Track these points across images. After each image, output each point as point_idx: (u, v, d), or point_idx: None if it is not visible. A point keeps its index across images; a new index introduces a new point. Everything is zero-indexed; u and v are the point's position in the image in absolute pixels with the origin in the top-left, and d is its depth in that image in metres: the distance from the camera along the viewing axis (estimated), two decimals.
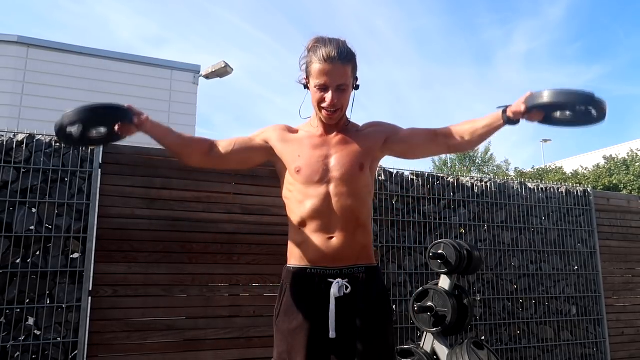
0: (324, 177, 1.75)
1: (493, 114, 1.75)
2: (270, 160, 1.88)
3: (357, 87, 1.84)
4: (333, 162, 1.77)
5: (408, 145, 1.89)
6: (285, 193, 1.84)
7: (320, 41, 1.75)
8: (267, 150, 1.85)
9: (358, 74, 1.84)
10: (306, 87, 1.82)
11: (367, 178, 1.81)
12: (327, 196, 1.73)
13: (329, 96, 1.72)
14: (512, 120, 1.70)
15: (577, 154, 22.46)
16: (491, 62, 49.17)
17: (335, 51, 1.70)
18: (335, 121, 1.80)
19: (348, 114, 1.87)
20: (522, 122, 1.71)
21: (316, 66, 1.71)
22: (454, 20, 47.96)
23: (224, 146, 1.83)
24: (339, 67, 1.70)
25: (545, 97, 1.60)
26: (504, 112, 1.71)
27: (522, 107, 1.65)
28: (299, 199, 1.76)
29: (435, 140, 1.85)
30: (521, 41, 46.53)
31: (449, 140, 1.83)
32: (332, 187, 1.74)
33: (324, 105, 1.74)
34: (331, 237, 1.72)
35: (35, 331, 3.14)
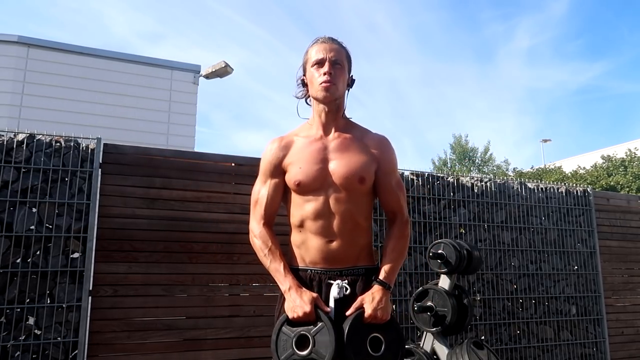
0: (323, 184, 1.75)
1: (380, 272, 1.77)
2: None
3: (351, 84, 1.86)
4: (332, 167, 1.76)
5: (376, 191, 1.86)
6: (287, 196, 1.84)
7: (316, 38, 1.86)
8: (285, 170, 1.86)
9: (357, 74, 1.87)
10: (305, 85, 1.85)
11: (368, 185, 1.81)
12: (326, 201, 1.74)
13: (324, 68, 1.77)
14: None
15: (578, 154, 22.50)
16: (493, 58, 48.85)
17: (330, 37, 1.85)
18: (332, 97, 1.78)
19: (344, 108, 1.88)
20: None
21: (312, 51, 1.82)
22: (455, 16, 47.60)
23: (272, 212, 1.85)
24: (334, 46, 1.81)
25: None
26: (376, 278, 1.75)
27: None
28: (299, 203, 1.77)
29: (385, 212, 1.91)
30: (523, 37, 46.23)
31: (388, 227, 1.91)
32: (331, 192, 1.75)
33: (320, 79, 1.76)
34: (331, 241, 1.73)
35: (36, 331, 3.15)
